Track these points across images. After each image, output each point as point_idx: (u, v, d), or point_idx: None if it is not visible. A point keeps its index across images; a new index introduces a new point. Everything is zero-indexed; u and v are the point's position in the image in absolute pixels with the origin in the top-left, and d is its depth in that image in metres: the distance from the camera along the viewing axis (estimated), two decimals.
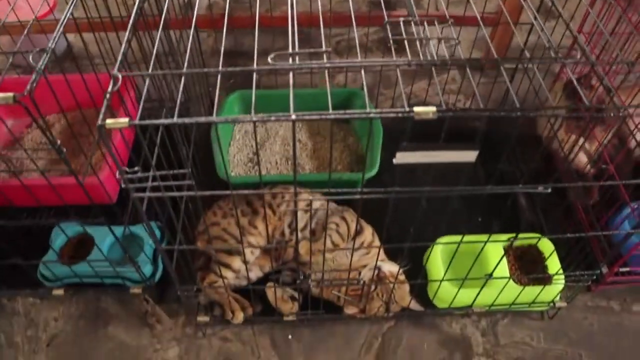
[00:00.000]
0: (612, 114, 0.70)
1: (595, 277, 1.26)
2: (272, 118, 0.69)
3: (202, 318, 1.22)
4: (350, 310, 1.17)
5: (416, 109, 0.69)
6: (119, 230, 1.24)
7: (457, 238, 1.02)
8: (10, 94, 0.75)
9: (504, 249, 1.29)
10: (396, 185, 0.79)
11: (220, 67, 0.76)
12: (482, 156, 0.75)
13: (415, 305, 1.21)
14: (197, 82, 1.51)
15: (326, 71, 0.76)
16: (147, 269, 1.23)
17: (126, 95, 1.39)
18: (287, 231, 1.24)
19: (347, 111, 0.71)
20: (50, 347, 1.25)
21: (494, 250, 1.25)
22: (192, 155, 1.35)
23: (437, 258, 1.24)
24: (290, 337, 1.27)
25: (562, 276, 1.20)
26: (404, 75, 1.80)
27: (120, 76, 0.74)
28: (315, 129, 1.51)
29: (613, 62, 1.04)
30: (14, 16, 1.11)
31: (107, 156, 1.27)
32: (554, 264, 1.24)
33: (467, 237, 1.19)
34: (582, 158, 1.38)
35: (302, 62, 0.76)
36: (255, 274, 1.25)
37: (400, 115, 0.69)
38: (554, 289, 1.19)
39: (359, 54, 0.81)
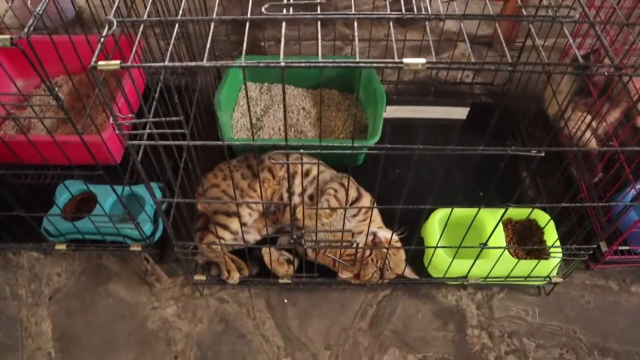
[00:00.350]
0: (606, 73, 0.69)
1: (592, 253, 1.24)
2: (261, 64, 0.69)
3: (199, 277, 1.24)
4: (344, 275, 1.18)
5: (405, 60, 0.68)
6: (120, 189, 1.27)
7: (450, 210, 1.02)
8: (7, 37, 0.76)
9: (503, 223, 1.29)
10: (386, 143, 0.79)
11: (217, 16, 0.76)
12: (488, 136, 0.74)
13: (409, 273, 1.21)
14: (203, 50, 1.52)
15: (318, 22, 0.76)
16: (147, 228, 1.26)
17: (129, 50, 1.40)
18: (285, 195, 1.25)
19: (336, 60, 0.71)
20: (52, 301, 1.28)
21: (491, 222, 1.25)
22: (194, 117, 1.37)
23: (434, 226, 1.25)
24: (285, 300, 1.29)
25: (559, 250, 1.19)
26: (412, 50, 1.79)
27: (114, 21, 0.75)
28: (319, 98, 1.52)
29: (608, 22, 1.01)
30: None
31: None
32: (550, 238, 1.24)
33: (460, 210, 1.19)
34: (589, 136, 1.36)
35: (295, 13, 0.76)
36: (253, 236, 1.26)
37: (390, 66, 0.69)
38: (550, 263, 1.18)
39: (353, 7, 0.80)
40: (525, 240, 1.28)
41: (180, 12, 0.80)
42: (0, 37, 0.78)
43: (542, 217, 1.28)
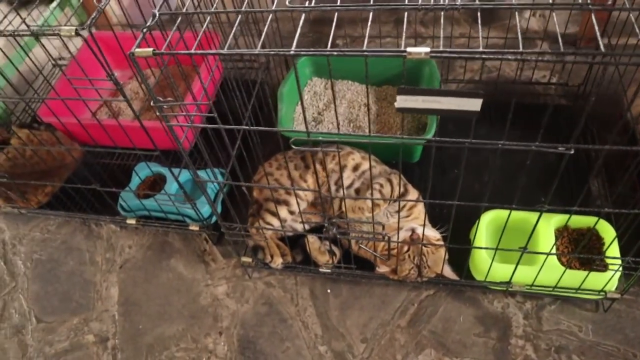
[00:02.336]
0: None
1: None
2: (272, 52, 0.73)
3: (246, 259, 1.31)
4: (382, 269, 1.19)
5: (409, 49, 0.69)
6: (187, 174, 1.38)
7: (506, 212, 0.98)
8: (73, 27, 0.88)
9: (559, 230, 1.22)
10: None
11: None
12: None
13: (450, 273, 1.19)
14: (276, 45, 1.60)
15: (336, 14, 0.78)
16: (205, 210, 1.35)
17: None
18: (332, 188, 1.28)
19: (343, 49, 0.73)
20: (122, 269, 1.43)
21: (545, 229, 1.18)
22: (260, 108, 1.44)
23: (482, 229, 1.21)
24: (329, 291, 1.32)
25: (617, 263, 1.10)
26: (492, 48, 1.73)
27: (157, 13, 0.83)
28: (383, 95, 1.53)
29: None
30: None
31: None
32: (612, 250, 1.14)
33: (515, 212, 1.14)
34: None
35: (317, 5, 0.79)
36: (301, 225, 1.31)
37: (394, 55, 0.70)
38: (604, 276, 1.10)
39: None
40: (583, 250, 1.20)
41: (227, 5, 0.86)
42: (66, 28, 0.90)
43: (604, 228, 1.19)
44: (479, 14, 0.76)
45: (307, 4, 0.79)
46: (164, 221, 1.40)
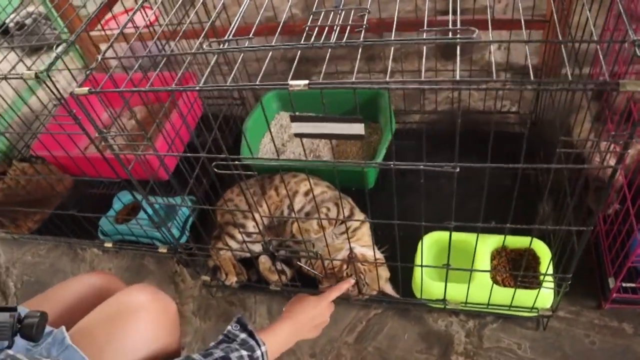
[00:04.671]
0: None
1: (602, 290, 1.16)
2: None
3: (205, 278, 1.40)
4: (323, 286, 1.26)
5: (291, 82, 0.79)
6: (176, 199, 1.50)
7: (447, 234, 1.02)
8: (86, 89, 1.01)
9: (497, 250, 1.27)
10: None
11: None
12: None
13: (390, 291, 1.25)
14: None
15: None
16: (175, 232, 1.46)
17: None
18: (285, 211, 1.37)
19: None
20: None
21: (483, 249, 1.24)
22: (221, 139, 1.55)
23: (423, 249, 1.27)
24: (284, 309, 1.39)
25: (548, 281, 1.14)
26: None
27: (100, 58, 0.96)
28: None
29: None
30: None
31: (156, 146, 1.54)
32: (547, 268, 1.18)
33: (458, 234, 1.20)
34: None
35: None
36: (257, 247, 1.40)
37: (279, 87, 0.80)
38: (531, 293, 1.14)
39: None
40: (515, 269, 1.24)
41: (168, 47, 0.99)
42: (27, 72, 1.04)
43: (540, 248, 1.23)
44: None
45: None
46: (136, 244, 1.52)
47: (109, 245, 1.54)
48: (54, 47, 1.09)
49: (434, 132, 1.52)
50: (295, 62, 0.86)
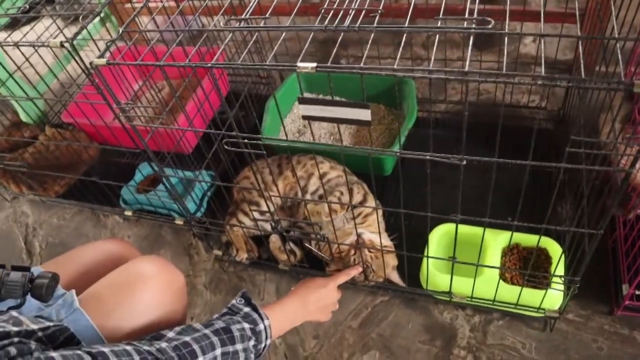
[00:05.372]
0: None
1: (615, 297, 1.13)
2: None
3: (217, 252, 1.43)
4: (330, 268, 1.27)
5: (299, 64, 0.79)
6: (187, 173, 1.53)
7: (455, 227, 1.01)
8: (104, 60, 1.04)
9: (509, 247, 1.25)
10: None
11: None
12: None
13: (396, 279, 1.25)
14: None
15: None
16: (191, 206, 1.49)
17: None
18: (300, 193, 1.38)
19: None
20: None
21: (494, 245, 1.22)
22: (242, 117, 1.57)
23: (432, 239, 1.26)
24: (292, 288, 1.41)
25: (559, 282, 1.11)
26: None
27: (121, 30, 0.98)
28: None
29: None
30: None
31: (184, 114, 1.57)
32: (558, 271, 1.16)
33: (469, 228, 1.19)
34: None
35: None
36: (269, 226, 1.41)
37: (286, 68, 0.80)
38: (539, 293, 1.12)
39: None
40: (525, 267, 1.22)
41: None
42: (54, 40, 1.07)
43: (553, 248, 1.21)
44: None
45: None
46: (155, 214, 1.56)
47: (129, 213, 1.58)
48: (80, 17, 1.11)
49: (459, 123, 1.49)
50: (307, 43, 0.86)
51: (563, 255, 1.14)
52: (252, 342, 0.87)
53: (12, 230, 1.75)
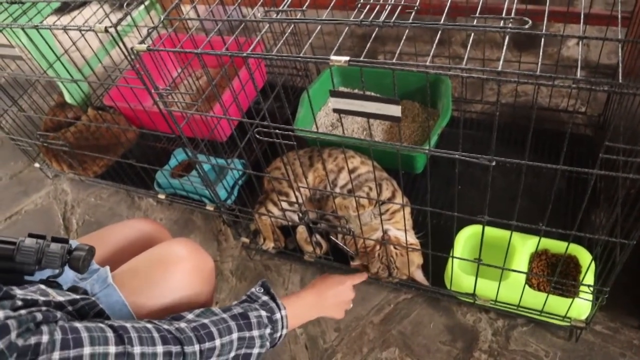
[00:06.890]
0: None
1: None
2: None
3: (245, 239, 1.45)
4: (355, 262, 1.27)
5: (332, 57, 0.80)
6: (219, 160, 1.56)
7: (486, 228, 1.00)
8: (144, 46, 1.08)
9: (537, 253, 1.23)
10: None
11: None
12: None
13: (420, 278, 1.24)
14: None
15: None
16: (222, 193, 1.52)
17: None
18: (329, 186, 1.39)
19: (284, 55, 0.85)
20: None
21: (521, 250, 1.20)
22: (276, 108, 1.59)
23: (459, 240, 1.25)
24: (310, 282, 1.42)
25: (585, 291, 1.09)
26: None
27: (162, 17, 1.00)
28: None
29: None
30: None
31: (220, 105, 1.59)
32: (587, 280, 1.13)
33: (497, 231, 1.17)
34: None
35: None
36: (297, 217, 1.43)
37: (316, 61, 0.81)
38: (565, 301, 1.09)
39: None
40: (560, 275, 1.19)
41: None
42: (99, 26, 1.11)
43: (583, 256, 1.18)
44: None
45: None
46: (187, 199, 1.59)
47: (162, 197, 1.62)
48: (125, 4, 1.15)
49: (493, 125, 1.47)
50: (342, 37, 0.86)
51: (593, 264, 1.12)
52: (268, 330, 0.89)
53: (52, 207, 1.82)
